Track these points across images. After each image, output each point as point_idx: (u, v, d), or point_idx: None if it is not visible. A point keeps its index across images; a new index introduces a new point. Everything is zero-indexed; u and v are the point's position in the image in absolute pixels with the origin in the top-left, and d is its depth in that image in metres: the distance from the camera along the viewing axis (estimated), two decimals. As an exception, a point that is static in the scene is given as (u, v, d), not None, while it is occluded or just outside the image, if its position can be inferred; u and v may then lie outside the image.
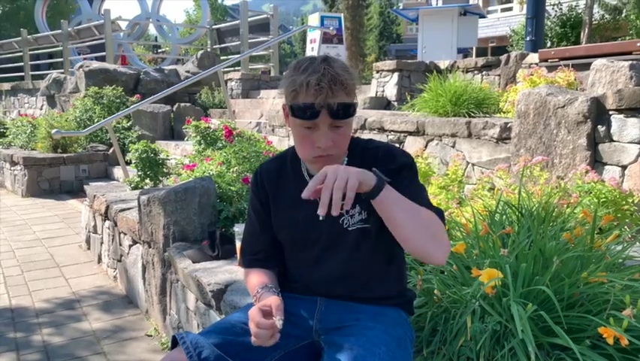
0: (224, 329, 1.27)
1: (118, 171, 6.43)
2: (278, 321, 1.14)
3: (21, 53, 13.05)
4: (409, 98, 5.22)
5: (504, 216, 1.97)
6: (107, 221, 3.74)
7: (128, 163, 5.09)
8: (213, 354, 1.18)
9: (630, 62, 3.10)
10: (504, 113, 4.11)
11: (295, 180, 1.34)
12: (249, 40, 10.60)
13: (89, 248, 4.27)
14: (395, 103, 6.22)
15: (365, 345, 1.18)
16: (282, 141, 5.52)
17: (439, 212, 1.22)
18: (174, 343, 1.25)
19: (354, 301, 1.32)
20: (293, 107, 1.17)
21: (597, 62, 3.24)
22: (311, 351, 1.31)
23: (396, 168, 1.24)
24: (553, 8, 13.41)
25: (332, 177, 1.03)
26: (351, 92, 1.19)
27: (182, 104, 7.89)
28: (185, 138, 6.08)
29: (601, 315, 1.30)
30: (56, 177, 6.85)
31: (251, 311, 1.17)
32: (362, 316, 1.28)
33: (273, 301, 1.19)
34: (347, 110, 1.18)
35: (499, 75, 5.65)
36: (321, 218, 1.02)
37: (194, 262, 2.39)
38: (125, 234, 3.36)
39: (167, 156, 4.62)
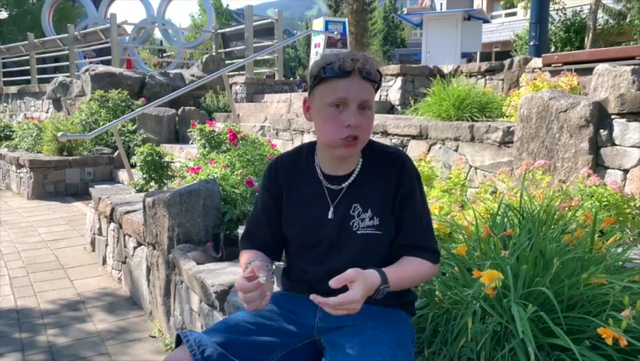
0: (228, 327, 1.29)
1: (123, 174, 6.47)
2: (261, 278, 1.18)
3: (27, 57, 13.17)
4: (412, 102, 5.23)
5: (505, 219, 1.98)
6: (112, 223, 3.77)
7: (133, 166, 5.12)
8: (216, 352, 1.19)
9: (632, 66, 3.11)
10: (507, 117, 4.13)
11: (308, 178, 1.36)
12: (254, 45, 10.66)
13: (93, 250, 4.30)
14: (399, 107, 6.24)
15: (366, 344, 1.19)
16: (285, 144, 5.55)
17: (432, 255, 1.32)
18: (178, 342, 1.27)
19: None
20: (325, 69, 1.22)
21: (599, 67, 3.25)
22: (313, 350, 1.32)
23: (405, 196, 1.31)
24: (557, 13, 13.43)
25: (354, 305, 1.13)
26: (380, 71, 1.28)
27: (187, 108, 7.93)
28: (190, 142, 6.11)
29: (600, 316, 1.31)
30: (62, 179, 6.90)
31: (236, 284, 1.20)
32: (363, 316, 1.29)
33: (253, 264, 1.24)
34: (376, 75, 1.25)
35: (502, 80, 5.66)
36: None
37: (198, 264, 2.41)
38: (130, 236, 3.38)
39: (172, 159, 4.65)
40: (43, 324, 2.99)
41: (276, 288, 1.42)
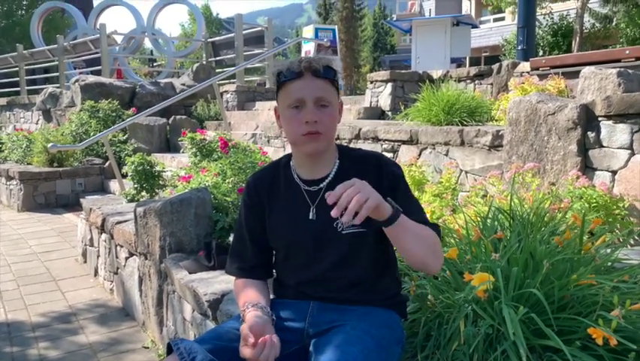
0: (218, 335, 1.29)
1: (114, 185, 6.43)
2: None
3: (17, 68, 13.09)
4: (402, 107, 5.26)
5: (496, 222, 1.99)
6: (103, 234, 3.75)
7: (124, 176, 5.10)
8: (207, 359, 1.19)
9: (618, 69, 3.15)
10: (496, 121, 4.16)
11: (287, 186, 1.39)
12: (244, 53, 10.68)
13: (85, 261, 4.26)
14: (389, 113, 6.26)
15: (341, 344, 1.20)
16: (277, 151, 5.55)
17: (435, 227, 1.31)
18: (169, 350, 1.26)
19: (345, 303, 1.34)
20: (279, 75, 1.32)
21: (586, 70, 3.29)
22: (303, 355, 1.32)
23: (391, 183, 1.33)
24: (544, 17, 13.59)
25: (356, 188, 1.11)
26: (332, 67, 1.33)
27: (178, 117, 7.92)
28: (181, 150, 6.10)
29: (591, 316, 1.32)
30: (52, 191, 6.84)
31: (242, 351, 1.20)
32: (351, 316, 1.30)
33: (244, 329, 1.22)
34: (328, 70, 1.31)
35: (491, 84, 5.71)
36: (334, 216, 1.10)
37: (190, 273, 2.40)
38: (122, 246, 3.36)
39: (163, 168, 4.64)
40: (35, 337, 2.96)
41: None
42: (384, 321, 1.31)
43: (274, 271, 1.50)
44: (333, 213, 1.09)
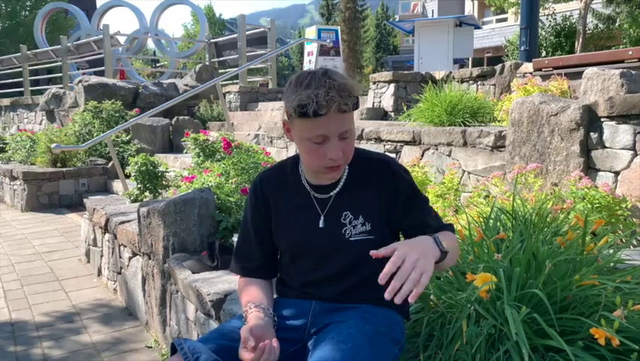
0: (222, 335, 1.30)
1: (117, 185, 6.46)
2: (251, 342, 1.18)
3: (20, 69, 13.15)
4: (405, 108, 5.26)
5: (498, 223, 1.99)
6: (106, 234, 3.76)
7: (127, 176, 5.12)
8: (211, 359, 1.20)
9: (621, 69, 3.15)
10: (499, 121, 4.16)
11: (295, 190, 1.38)
12: (247, 54, 10.70)
13: (88, 261, 4.28)
14: (392, 113, 6.27)
15: (332, 341, 1.20)
16: (280, 152, 5.56)
17: (451, 227, 1.34)
18: (173, 350, 1.27)
19: (348, 302, 1.34)
20: (300, 112, 1.17)
21: (589, 71, 3.29)
22: (305, 353, 1.33)
23: (406, 194, 1.34)
24: (547, 18, 13.58)
25: (409, 267, 1.06)
26: (355, 95, 1.24)
27: (181, 118, 7.94)
28: (184, 151, 6.11)
29: (593, 317, 1.32)
30: (56, 191, 6.87)
31: (241, 354, 1.19)
32: (350, 314, 1.31)
33: (244, 332, 1.20)
34: (354, 104, 1.22)
35: (494, 85, 5.71)
36: (387, 299, 1.04)
37: (193, 273, 2.41)
38: (125, 246, 3.37)
39: (166, 168, 4.66)
40: (38, 337, 2.97)
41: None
42: (382, 320, 1.31)
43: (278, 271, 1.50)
44: (387, 296, 1.03)
